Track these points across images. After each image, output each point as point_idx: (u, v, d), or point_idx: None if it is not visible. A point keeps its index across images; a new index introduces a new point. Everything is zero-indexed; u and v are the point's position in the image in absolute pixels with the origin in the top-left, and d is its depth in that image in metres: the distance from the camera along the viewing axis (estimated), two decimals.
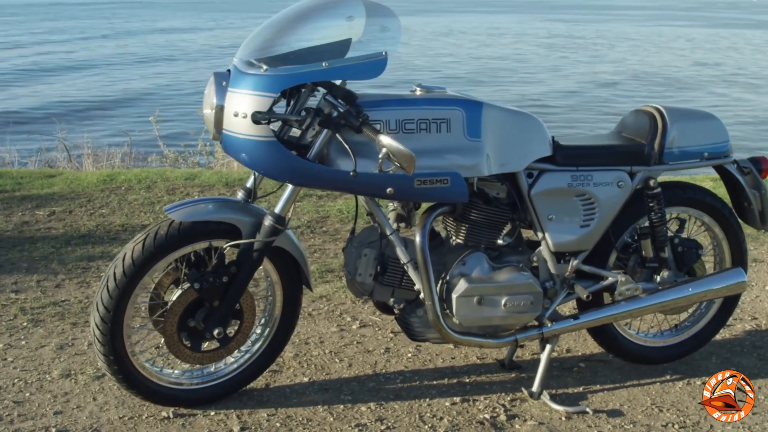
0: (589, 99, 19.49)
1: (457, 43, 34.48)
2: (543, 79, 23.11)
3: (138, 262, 2.93)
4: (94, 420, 3.10)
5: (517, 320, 3.21)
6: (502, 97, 19.44)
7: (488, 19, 49.27)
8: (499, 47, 32.48)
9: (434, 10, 58.43)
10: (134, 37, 35.22)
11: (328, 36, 3.08)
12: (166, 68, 24.71)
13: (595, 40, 36.38)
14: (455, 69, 25.12)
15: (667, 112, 3.34)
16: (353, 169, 2.85)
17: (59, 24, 39.74)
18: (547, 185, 3.19)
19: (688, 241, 3.50)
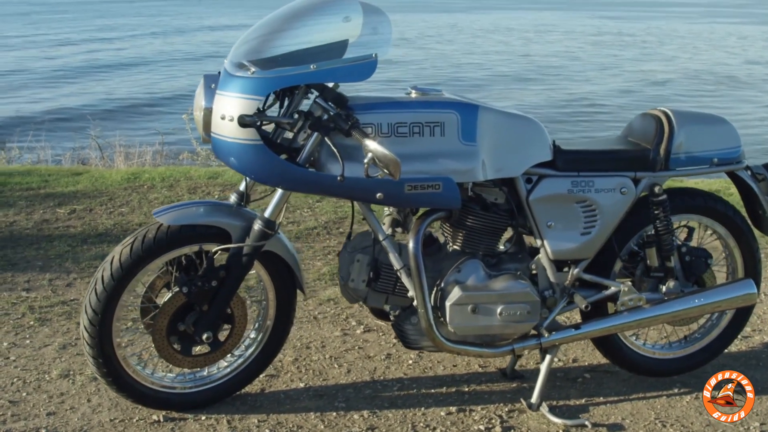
0: (641, 98, 19.11)
1: (503, 39, 34.24)
2: (592, 77, 22.80)
3: (126, 265, 2.92)
4: (85, 422, 3.10)
5: (513, 330, 3.13)
6: (551, 96, 19.24)
7: (536, 15, 48.80)
8: (546, 44, 32.17)
9: (482, 7, 58.09)
10: (183, 34, 35.55)
11: (324, 37, 3.03)
12: (212, 66, 24.91)
13: (645, 37, 35.81)
14: (502, 66, 24.94)
15: (675, 115, 3.24)
16: (341, 174, 2.81)
17: (109, 21, 40.24)
18: (546, 191, 3.11)
19: (696, 250, 3.38)
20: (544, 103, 18.27)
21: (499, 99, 18.81)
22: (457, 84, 21.45)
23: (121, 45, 30.45)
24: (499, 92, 20.21)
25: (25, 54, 26.74)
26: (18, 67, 23.50)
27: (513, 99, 18.92)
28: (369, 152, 2.70)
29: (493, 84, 21.93)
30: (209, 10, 53.66)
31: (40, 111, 15.82)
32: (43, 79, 21.29)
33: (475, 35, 36.61)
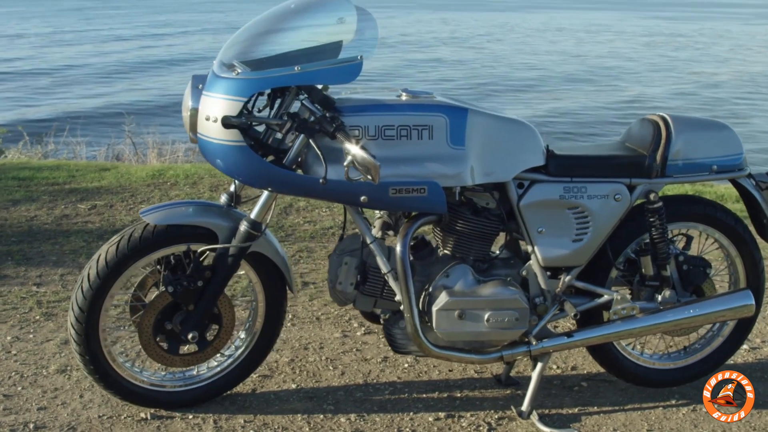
0: (694, 101, 18.82)
1: (554, 39, 33.97)
2: (644, 78, 22.50)
3: (111, 264, 2.94)
4: (74, 418, 3.13)
5: (501, 336, 3.10)
6: (602, 97, 18.99)
7: (588, 15, 48.30)
8: (597, 45, 31.84)
9: (533, 6, 57.70)
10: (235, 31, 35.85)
11: (318, 39, 3.03)
12: None
13: (697, 38, 35.26)
14: (553, 67, 24.76)
15: (673, 121, 3.17)
16: (323, 177, 2.80)
17: (162, 17, 40.78)
18: (537, 196, 3.07)
19: (694, 259, 3.31)
20: (596, 104, 18.07)
21: (548, 100, 18.68)
22: (507, 84, 21.36)
23: (173, 41, 30.81)
24: (550, 93, 20.04)
25: (78, 50, 27.20)
26: (72, 62, 23.93)
27: (564, 100, 18.77)
28: (349, 155, 2.69)
29: (544, 84, 21.74)
30: (261, 6, 53.96)
31: (90, 107, 16.10)
32: (95, 74, 21.64)
33: (526, 35, 36.38)
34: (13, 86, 19.75)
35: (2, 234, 5.12)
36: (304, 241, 5.19)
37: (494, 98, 19.28)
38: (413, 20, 43.36)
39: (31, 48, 28.37)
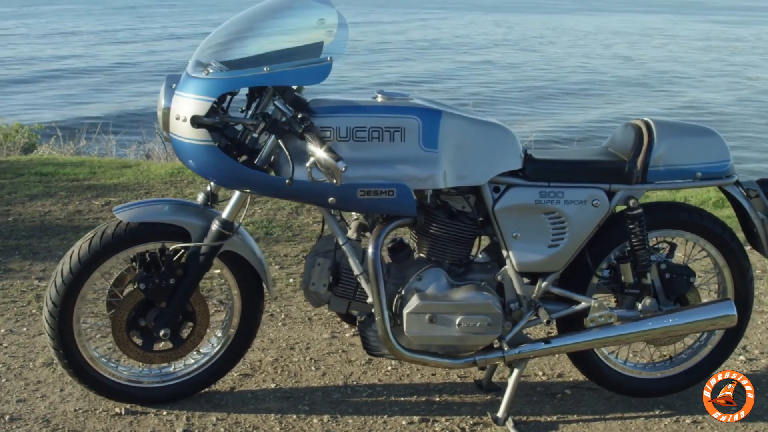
0: (752, 107, 18.48)
1: (608, 43, 33.61)
2: (700, 83, 22.17)
3: (84, 260, 2.98)
4: (50, 411, 3.17)
5: (473, 341, 3.06)
6: (657, 101, 18.74)
7: (641, 19, 47.64)
8: (652, 49, 31.44)
9: (586, 9, 57.13)
10: None
11: (298, 39, 3.02)
12: None
13: (755, 42, 34.59)
14: (607, 70, 24.53)
15: (656, 126, 3.10)
16: (290, 177, 2.80)
17: (214, 16, 41.21)
18: (513, 201, 3.03)
19: (677, 268, 3.24)
20: (651, 109, 17.81)
21: (602, 104, 18.48)
22: (560, 87, 21.20)
23: None
24: (603, 97, 19.85)
25: (131, 48, 27.62)
26: (124, 61, 24.30)
27: (619, 104, 18.56)
28: (312, 156, 2.69)
29: (597, 88, 21.56)
30: None
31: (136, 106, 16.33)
32: (147, 73, 21.93)
33: (579, 37, 36.06)
34: (67, 84, 20.14)
35: (14, 228, 5.21)
36: (310, 242, 5.18)
37: (547, 102, 19.17)
38: (466, 22, 43.25)
39: (85, 46, 28.90)
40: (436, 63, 26.79)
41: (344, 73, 23.71)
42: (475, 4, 58.97)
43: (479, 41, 34.08)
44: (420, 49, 31.22)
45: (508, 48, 31.85)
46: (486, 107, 16.85)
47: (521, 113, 17.23)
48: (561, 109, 18.03)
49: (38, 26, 34.81)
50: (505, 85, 22.08)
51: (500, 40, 34.78)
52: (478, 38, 35.22)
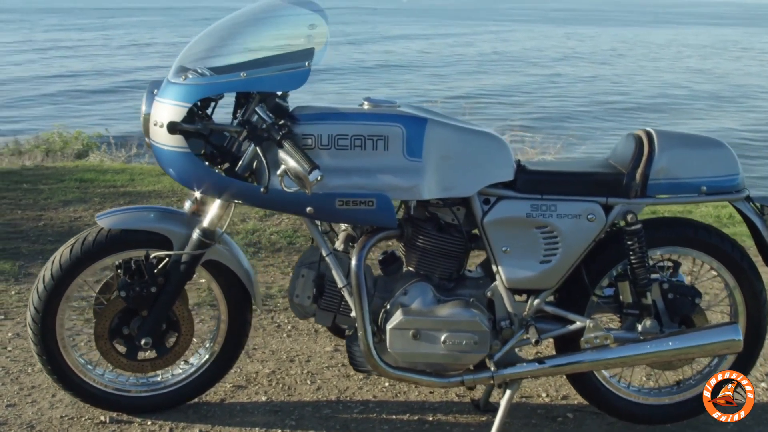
0: None
1: (680, 55, 32.93)
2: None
3: (65, 266, 2.96)
4: (37, 417, 3.16)
5: (459, 360, 2.94)
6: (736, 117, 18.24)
7: (715, 31, 46.55)
8: (727, 62, 30.69)
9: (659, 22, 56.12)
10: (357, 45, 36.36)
11: (289, 45, 2.97)
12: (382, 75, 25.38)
13: None
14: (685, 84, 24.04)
15: (658, 136, 2.94)
16: (265, 186, 2.74)
17: None
18: (502, 213, 2.90)
19: (681, 288, 3.06)
20: (729, 124, 17.36)
21: (677, 119, 18.08)
22: (633, 102, 20.83)
23: None
24: (679, 112, 19.44)
25: None
26: None
27: (697, 119, 18.14)
28: (283, 164, 2.62)
29: (672, 102, 21.12)
30: (386, 19, 54.58)
31: None
32: None
33: (651, 50, 35.44)
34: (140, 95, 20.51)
35: (42, 233, 5.27)
36: None
37: (620, 117, 18.85)
38: (536, 34, 42.91)
39: (160, 57, 29.51)
40: (504, 76, 26.61)
41: (415, 84, 23.76)
42: (545, 17, 58.48)
43: (550, 54, 33.77)
44: (490, 61, 31.09)
45: (580, 61, 31.47)
46: (557, 122, 16.58)
47: (595, 128, 16.94)
48: (633, 124, 17.68)
49: (116, 38, 35.71)
50: (578, 100, 21.78)
51: (571, 53, 34.41)
52: (549, 51, 34.90)
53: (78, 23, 44.01)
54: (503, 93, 22.95)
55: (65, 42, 34.01)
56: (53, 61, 29.02)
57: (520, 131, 9.07)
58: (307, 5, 2.96)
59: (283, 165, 2.63)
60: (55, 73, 25.94)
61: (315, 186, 2.70)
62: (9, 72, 25.94)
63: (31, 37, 36.60)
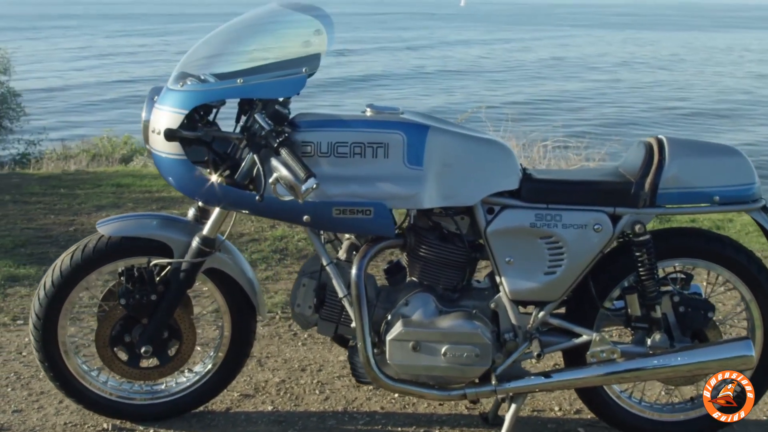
0: None
1: (738, 60, 32.24)
2: None
3: (66, 273, 2.96)
4: (41, 423, 3.17)
5: (461, 373, 2.87)
6: None
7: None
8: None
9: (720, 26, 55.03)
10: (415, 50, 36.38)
11: (294, 51, 2.93)
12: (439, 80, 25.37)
13: None
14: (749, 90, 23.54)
15: (669, 144, 2.84)
16: (260, 194, 2.70)
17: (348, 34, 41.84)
18: (506, 223, 2.82)
19: (693, 301, 2.93)
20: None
21: (741, 127, 17.69)
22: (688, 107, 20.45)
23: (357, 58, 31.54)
24: (744, 118, 19.04)
25: None
26: None
27: (763, 125, 17.76)
28: (275, 172, 2.59)
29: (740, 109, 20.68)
30: (444, 24, 54.47)
31: None
32: None
33: (712, 54, 34.77)
34: None
35: (72, 238, 5.30)
36: None
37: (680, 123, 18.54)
38: (595, 39, 42.42)
39: None
40: (566, 82, 26.37)
41: (473, 90, 23.67)
42: (604, 22, 57.79)
43: (609, 59, 33.37)
44: (549, 67, 30.84)
45: (640, 66, 31.05)
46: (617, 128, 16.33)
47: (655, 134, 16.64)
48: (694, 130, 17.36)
49: (176, 43, 36.22)
50: (638, 105, 21.48)
51: (630, 58, 33.98)
52: (608, 56, 34.47)
53: (139, 29, 44.84)
54: (562, 99, 22.76)
55: (126, 48, 34.65)
56: (114, 66, 29.61)
57: (563, 137, 8.91)
58: (312, 11, 2.93)
59: (275, 173, 2.59)
60: (116, 79, 26.46)
61: (312, 194, 2.66)
62: (71, 77, 26.55)
63: (93, 42, 37.39)
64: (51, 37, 40.16)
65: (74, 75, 26.94)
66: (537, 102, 21.84)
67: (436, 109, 17.91)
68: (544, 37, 44.14)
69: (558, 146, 8.66)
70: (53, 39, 39.00)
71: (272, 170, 2.62)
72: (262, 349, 3.87)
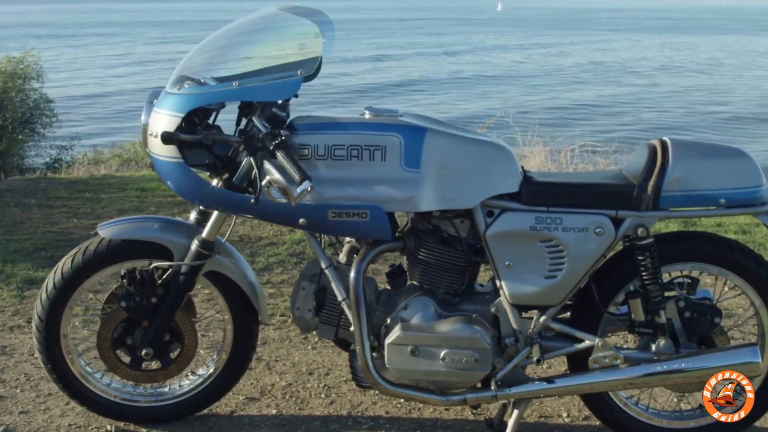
0: None
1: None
2: None
3: (67, 276, 2.97)
4: (46, 425, 3.19)
5: (460, 378, 2.83)
6: None
7: None
8: None
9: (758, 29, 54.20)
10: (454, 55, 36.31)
11: (294, 54, 2.93)
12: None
13: None
14: None
15: (673, 145, 2.78)
16: (255, 197, 2.69)
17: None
18: (506, 226, 2.78)
19: (699, 306, 2.87)
20: None
21: None
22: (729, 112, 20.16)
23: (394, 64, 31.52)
24: None
25: None
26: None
27: None
28: (268, 175, 2.58)
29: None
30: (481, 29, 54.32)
31: None
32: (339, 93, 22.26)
33: (751, 58, 34.27)
34: None
35: None
36: None
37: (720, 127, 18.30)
38: (633, 43, 42.04)
39: None
40: (605, 87, 26.14)
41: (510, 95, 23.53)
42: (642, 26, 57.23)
43: (648, 63, 33.03)
44: (587, 72, 30.61)
45: (678, 70, 30.72)
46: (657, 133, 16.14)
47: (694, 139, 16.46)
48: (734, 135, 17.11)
49: None
50: (677, 110, 21.23)
51: (669, 62, 33.63)
52: (647, 60, 34.13)
53: (179, 36, 45.22)
54: (601, 104, 22.56)
55: (166, 54, 34.93)
56: (153, 73, 29.86)
57: (592, 141, 8.82)
58: (312, 15, 2.92)
59: (268, 176, 2.58)
60: (155, 85, 26.67)
61: (308, 197, 2.65)
62: (111, 84, 26.83)
63: (133, 49, 37.78)
64: (91, 44, 40.65)
65: (114, 82, 27.20)
66: (574, 107, 21.66)
67: (474, 114, 17.85)
68: (581, 41, 43.82)
69: (585, 151, 8.57)
70: (93, 46, 39.48)
71: (266, 173, 2.61)
72: (272, 353, 3.86)
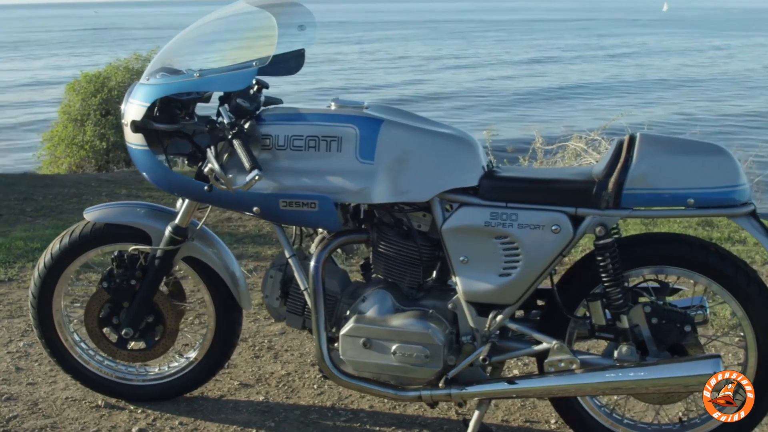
0: None
1: None
2: None
3: (56, 257, 3.14)
4: (45, 396, 3.38)
5: (411, 373, 2.79)
6: None
7: None
8: None
9: None
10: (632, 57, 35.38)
11: (280, 47, 2.98)
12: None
13: None
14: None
15: (640, 141, 2.60)
16: (209, 184, 2.75)
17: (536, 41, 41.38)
18: (461, 221, 2.72)
19: (667, 312, 2.70)
20: None
21: None
22: None
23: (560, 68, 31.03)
24: None
25: None
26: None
27: None
28: (209, 163, 2.64)
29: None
30: (646, 30, 52.56)
31: None
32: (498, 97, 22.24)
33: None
34: None
35: None
36: None
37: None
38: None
39: (412, 70, 30.37)
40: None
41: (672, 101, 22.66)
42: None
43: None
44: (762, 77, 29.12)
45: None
46: None
47: None
48: None
49: (372, 51, 37.06)
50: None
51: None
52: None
53: (337, 36, 46.26)
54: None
55: (321, 55, 35.79)
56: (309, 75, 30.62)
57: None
58: (287, 7, 2.96)
59: (209, 164, 2.64)
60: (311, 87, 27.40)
61: (262, 185, 2.71)
62: None
63: None
64: None
65: None
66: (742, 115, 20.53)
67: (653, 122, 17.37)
68: (755, 44, 41.72)
69: (760, 161, 8.14)
70: None
71: (208, 161, 2.67)
72: (285, 343, 3.92)
